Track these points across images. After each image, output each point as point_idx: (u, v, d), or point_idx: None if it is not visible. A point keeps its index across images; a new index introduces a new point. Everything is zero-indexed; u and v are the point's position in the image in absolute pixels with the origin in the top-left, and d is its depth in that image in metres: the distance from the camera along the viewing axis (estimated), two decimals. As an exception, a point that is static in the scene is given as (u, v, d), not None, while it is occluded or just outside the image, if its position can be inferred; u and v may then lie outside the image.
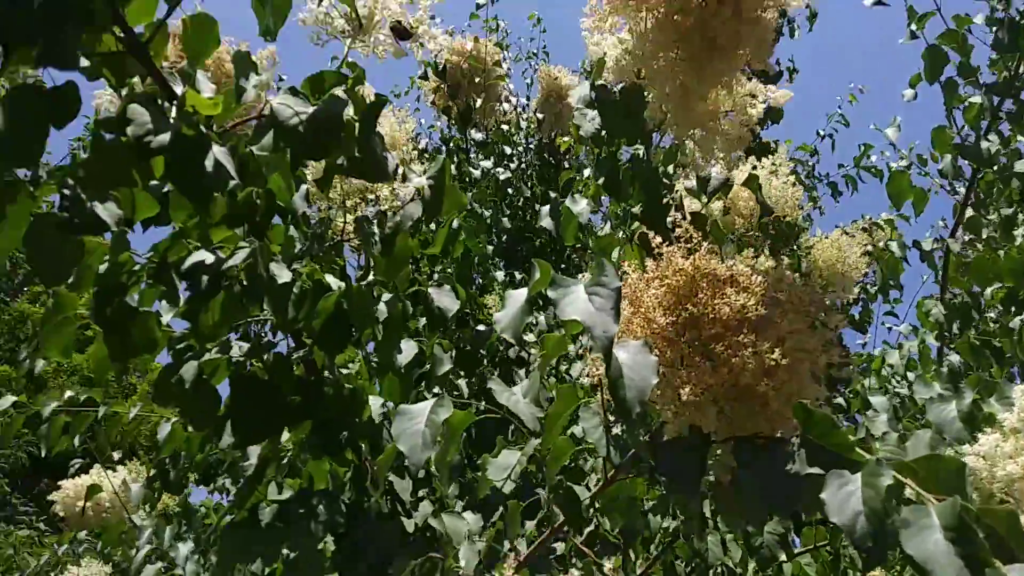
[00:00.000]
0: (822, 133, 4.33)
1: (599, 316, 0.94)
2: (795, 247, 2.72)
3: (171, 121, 1.05)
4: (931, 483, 0.89)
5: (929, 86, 2.21)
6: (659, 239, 1.12)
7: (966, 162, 2.18)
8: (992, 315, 2.37)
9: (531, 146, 3.46)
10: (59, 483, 2.34)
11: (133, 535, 2.19)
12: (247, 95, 1.11)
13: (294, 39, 1.53)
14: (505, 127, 3.19)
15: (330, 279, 1.30)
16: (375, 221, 1.44)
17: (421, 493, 1.68)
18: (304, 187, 1.35)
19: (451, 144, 3.30)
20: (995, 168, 2.08)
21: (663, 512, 2.03)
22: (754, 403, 1.06)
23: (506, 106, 3.23)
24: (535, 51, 5.00)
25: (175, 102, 1.11)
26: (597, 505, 1.45)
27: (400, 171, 1.45)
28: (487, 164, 3.09)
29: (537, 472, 1.57)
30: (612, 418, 1.20)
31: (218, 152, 1.04)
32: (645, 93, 1.55)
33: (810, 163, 4.30)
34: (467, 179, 3.12)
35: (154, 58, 1.14)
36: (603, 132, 1.51)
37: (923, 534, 0.76)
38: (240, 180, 1.08)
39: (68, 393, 1.89)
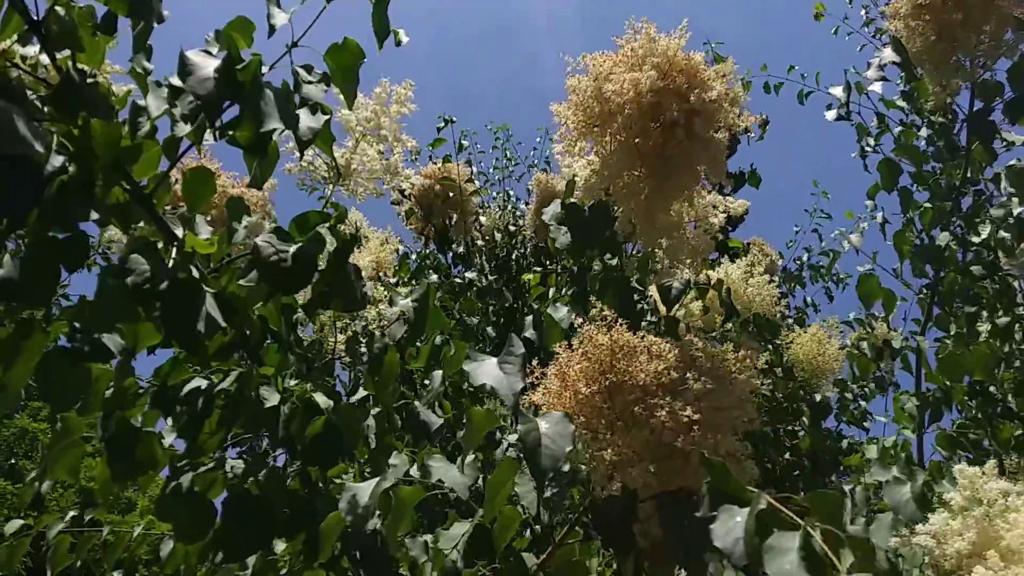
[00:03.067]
0: (798, 228, 4.47)
1: (507, 379, 1.12)
2: (776, 342, 2.82)
3: (168, 267, 1.18)
4: (818, 516, 1.01)
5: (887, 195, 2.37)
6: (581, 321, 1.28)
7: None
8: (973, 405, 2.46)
9: (515, 255, 3.60)
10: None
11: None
12: (238, 236, 1.24)
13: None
14: (482, 241, 3.34)
15: (319, 398, 1.41)
16: (364, 340, 1.56)
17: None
18: (296, 314, 1.48)
19: (429, 261, 3.45)
20: (953, 268, 2.21)
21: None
22: (677, 460, 1.19)
23: (483, 220, 3.38)
24: (535, 162, 5.23)
25: (175, 244, 1.25)
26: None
27: (385, 294, 1.58)
28: (471, 275, 3.23)
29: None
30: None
31: (209, 303, 1.15)
32: (613, 208, 1.68)
33: (802, 259, 4.44)
34: (455, 290, 3.24)
35: (156, 205, 1.28)
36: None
37: (783, 555, 0.88)
38: (231, 312, 1.21)
39: (72, 513, 1.97)
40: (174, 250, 1.24)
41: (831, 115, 2.53)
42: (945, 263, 2.25)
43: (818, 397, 2.90)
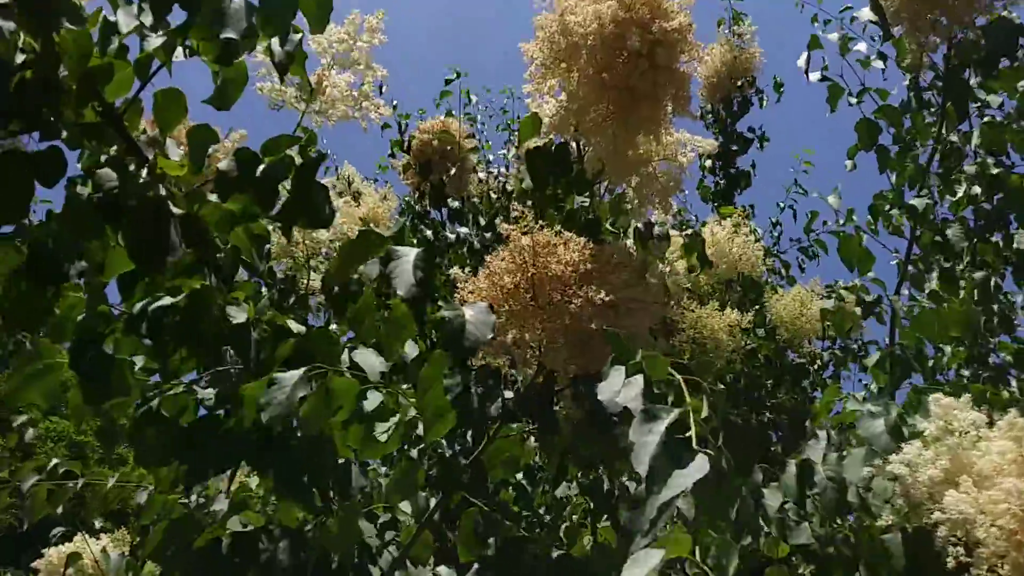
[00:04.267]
0: (782, 205, 4.47)
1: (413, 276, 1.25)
2: (760, 302, 2.83)
3: (137, 185, 1.18)
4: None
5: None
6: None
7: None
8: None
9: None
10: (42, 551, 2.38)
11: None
12: (208, 159, 1.24)
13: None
14: (477, 199, 3.32)
15: (292, 324, 1.40)
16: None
17: (388, 536, 1.74)
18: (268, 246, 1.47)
19: (426, 218, 3.43)
20: (928, 226, 2.22)
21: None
22: (596, 346, 1.33)
23: (480, 175, 3.36)
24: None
25: (146, 165, 1.25)
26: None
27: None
28: (463, 230, 3.22)
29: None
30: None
31: (174, 224, 1.15)
32: (583, 147, 1.69)
33: (777, 232, 4.43)
34: (445, 243, 3.22)
35: (129, 128, 1.28)
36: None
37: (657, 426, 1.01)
38: (200, 236, 1.21)
39: (55, 460, 1.96)
40: (144, 171, 1.24)
41: (815, 76, 2.54)
42: (921, 222, 2.27)
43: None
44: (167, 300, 1.28)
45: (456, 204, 3.27)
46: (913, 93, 2.33)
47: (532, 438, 1.69)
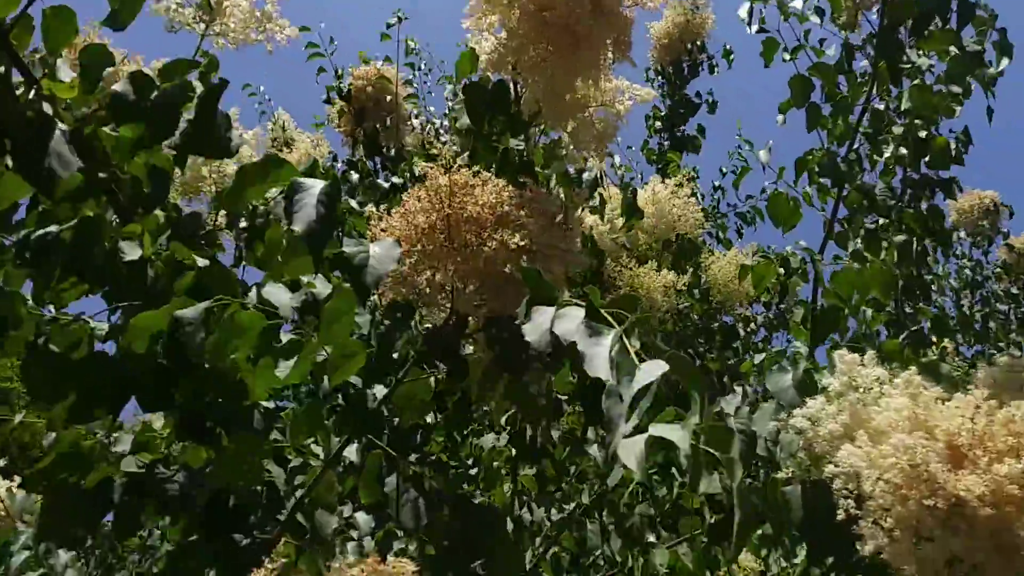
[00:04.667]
0: (725, 171, 4.49)
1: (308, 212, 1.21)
2: (696, 263, 2.84)
3: (25, 102, 1.12)
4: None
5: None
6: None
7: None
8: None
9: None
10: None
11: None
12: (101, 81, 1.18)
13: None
14: (413, 149, 3.27)
15: (198, 259, 1.35)
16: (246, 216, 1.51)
17: (298, 480, 1.72)
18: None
19: (358, 167, 3.37)
20: (855, 186, 2.24)
21: (548, 505, 2.13)
22: (509, 290, 1.32)
23: (415, 123, 3.30)
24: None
25: (34, 86, 1.19)
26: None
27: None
28: (397, 180, 3.17)
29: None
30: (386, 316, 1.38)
31: (58, 139, 1.09)
32: (520, 87, 1.66)
33: (716, 196, 4.46)
34: (379, 193, 3.17)
35: (17, 47, 1.21)
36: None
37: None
38: (91, 158, 1.15)
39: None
40: (32, 92, 1.17)
41: (753, 28, 2.52)
42: (848, 181, 2.28)
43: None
44: (54, 228, 1.22)
45: (392, 154, 3.22)
46: (847, 51, 2.33)
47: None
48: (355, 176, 3.07)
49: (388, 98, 3.13)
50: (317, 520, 1.69)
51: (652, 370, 0.98)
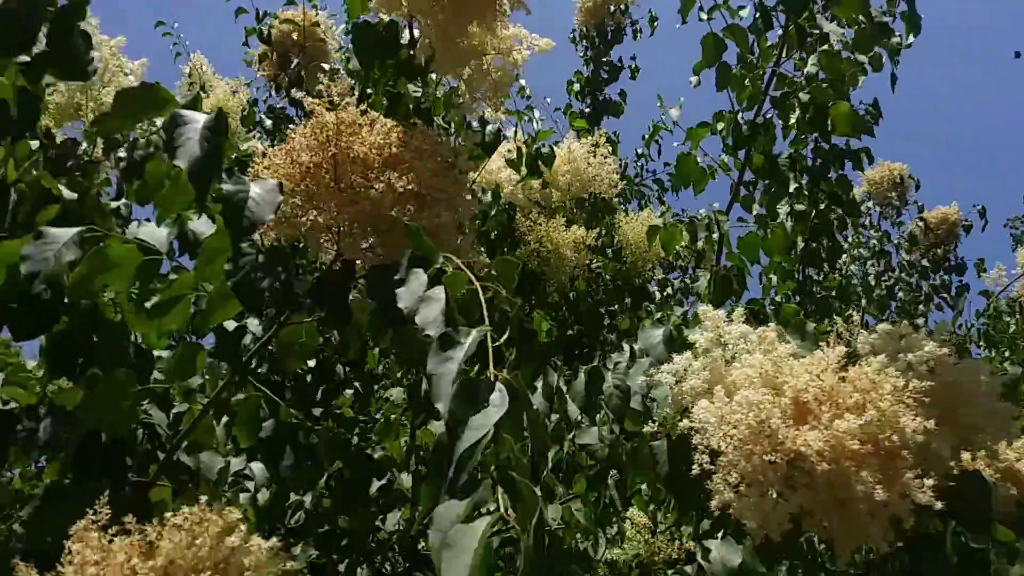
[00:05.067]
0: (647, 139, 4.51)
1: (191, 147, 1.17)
2: (610, 223, 2.85)
3: None
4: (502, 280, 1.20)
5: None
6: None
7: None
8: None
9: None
10: None
11: None
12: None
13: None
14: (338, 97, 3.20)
15: (64, 191, 1.31)
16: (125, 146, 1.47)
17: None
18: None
19: (279, 112, 3.30)
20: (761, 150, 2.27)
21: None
22: (397, 235, 1.30)
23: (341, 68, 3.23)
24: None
25: None
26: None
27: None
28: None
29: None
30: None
31: None
32: (415, 32, 1.63)
33: (639, 164, 4.48)
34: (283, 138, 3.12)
35: None
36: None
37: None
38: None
39: None
40: None
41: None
42: (752, 144, 2.31)
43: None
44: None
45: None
46: (761, 13, 2.34)
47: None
48: (268, 122, 3.00)
49: (312, 42, 3.06)
50: (202, 461, 1.68)
51: (491, 412, 0.94)
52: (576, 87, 4.18)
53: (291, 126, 2.86)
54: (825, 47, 2.21)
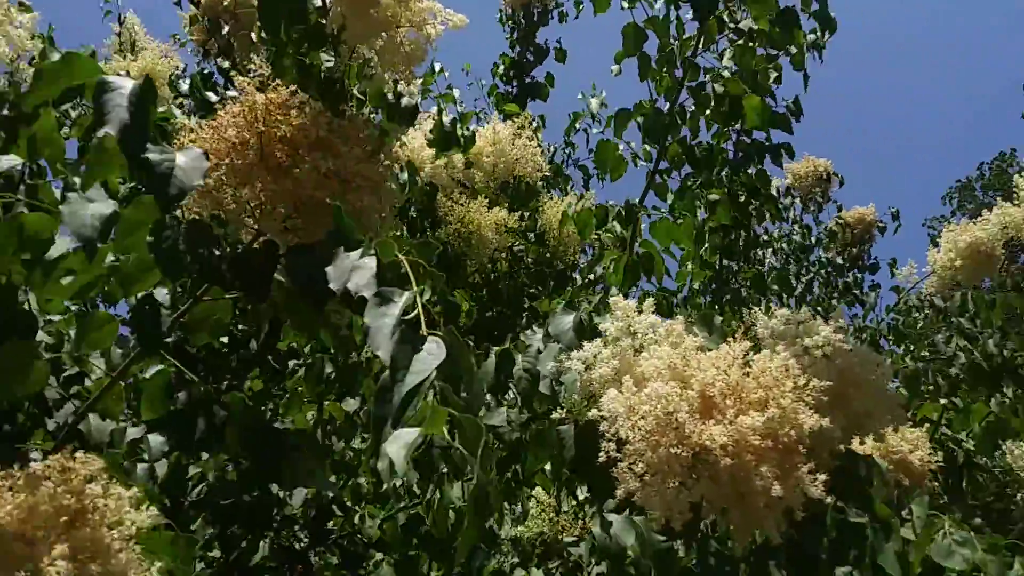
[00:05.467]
0: (578, 127, 4.51)
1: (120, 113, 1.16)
2: (534, 206, 2.85)
3: None
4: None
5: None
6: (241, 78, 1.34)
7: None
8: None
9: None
10: None
11: None
12: None
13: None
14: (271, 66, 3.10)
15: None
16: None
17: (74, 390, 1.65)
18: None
19: (209, 79, 3.17)
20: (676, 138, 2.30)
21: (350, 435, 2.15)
22: (322, 216, 1.30)
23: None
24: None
25: None
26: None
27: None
28: (233, 93, 3.01)
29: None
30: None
31: None
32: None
33: (567, 152, 4.49)
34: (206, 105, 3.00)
35: None
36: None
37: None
38: None
39: None
40: None
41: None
42: (670, 133, 2.33)
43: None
44: None
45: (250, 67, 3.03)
46: (674, 5, 2.35)
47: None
48: (184, 87, 2.89)
49: (241, 11, 2.94)
50: (92, 426, 1.63)
51: (430, 357, 0.99)
52: (501, 69, 4.15)
53: (215, 94, 2.77)
54: (740, 41, 2.24)
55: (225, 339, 2.10)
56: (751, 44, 2.25)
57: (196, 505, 2.15)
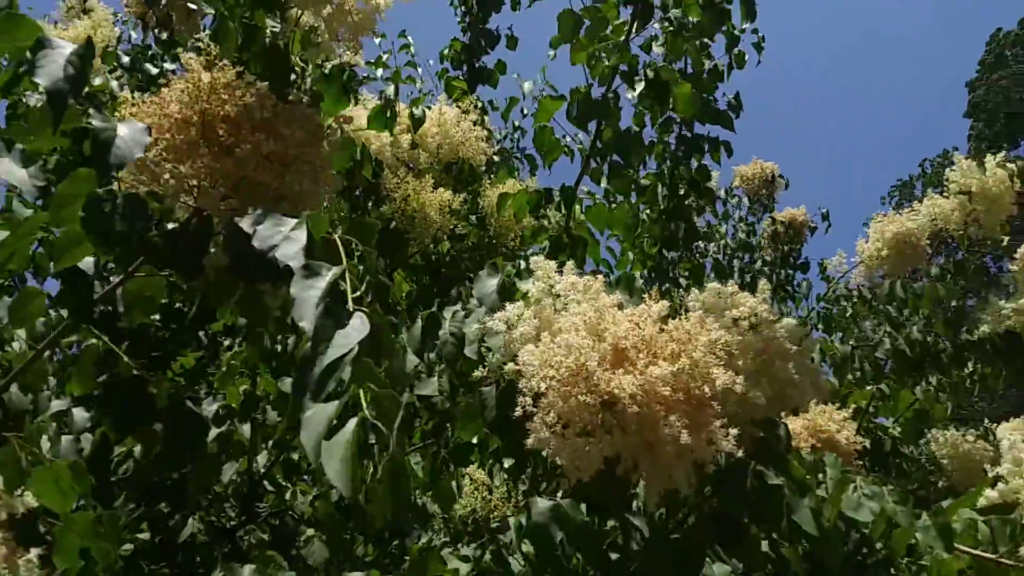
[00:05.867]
0: (525, 113, 4.55)
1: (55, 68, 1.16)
2: (477, 188, 2.86)
3: None
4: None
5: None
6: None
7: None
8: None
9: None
10: None
11: None
12: None
13: None
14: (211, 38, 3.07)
15: None
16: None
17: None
18: None
19: (147, 53, 3.14)
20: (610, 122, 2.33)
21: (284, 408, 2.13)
22: (258, 196, 1.32)
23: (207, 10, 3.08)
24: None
25: None
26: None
27: None
28: (170, 66, 2.98)
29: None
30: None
31: None
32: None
33: (517, 137, 4.52)
34: (146, 78, 2.97)
35: None
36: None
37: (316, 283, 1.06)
38: None
39: None
40: None
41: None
42: (604, 117, 2.37)
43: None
44: None
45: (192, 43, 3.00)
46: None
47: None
48: (126, 59, 2.86)
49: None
50: (13, 399, 1.61)
51: (353, 332, 0.99)
52: (451, 53, 4.16)
53: (151, 65, 2.74)
54: (671, 28, 2.29)
55: (157, 316, 2.07)
56: (684, 32, 2.29)
57: (122, 483, 2.12)
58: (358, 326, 1.00)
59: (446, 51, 4.16)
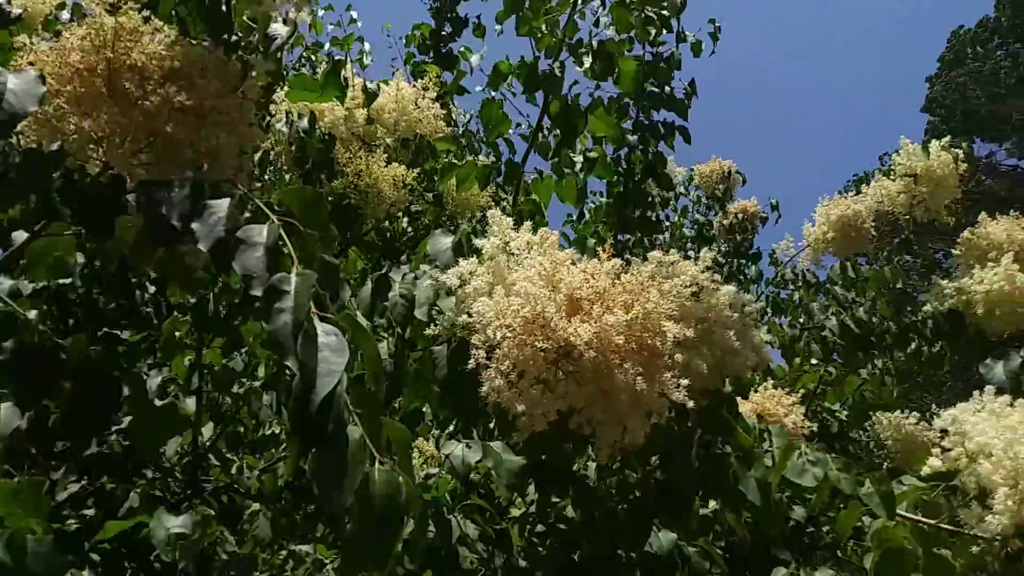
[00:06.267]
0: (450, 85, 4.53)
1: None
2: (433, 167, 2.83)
3: None
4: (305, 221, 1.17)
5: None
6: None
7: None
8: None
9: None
10: None
11: None
12: None
13: None
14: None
15: None
16: None
17: None
18: None
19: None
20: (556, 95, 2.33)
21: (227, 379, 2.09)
22: (170, 150, 1.24)
23: None
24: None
25: None
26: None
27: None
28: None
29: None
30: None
31: None
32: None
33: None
34: None
35: None
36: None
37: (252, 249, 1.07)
38: None
39: None
40: None
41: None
42: (551, 90, 2.36)
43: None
44: None
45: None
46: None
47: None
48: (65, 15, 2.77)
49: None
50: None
51: (337, 364, 0.97)
52: (417, 37, 4.13)
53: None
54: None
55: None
56: (628, 4, 2.29)
57: (61, 456, 2.06)
58: (336, 346, 0.98)
59: (411, 34, 4.13)
